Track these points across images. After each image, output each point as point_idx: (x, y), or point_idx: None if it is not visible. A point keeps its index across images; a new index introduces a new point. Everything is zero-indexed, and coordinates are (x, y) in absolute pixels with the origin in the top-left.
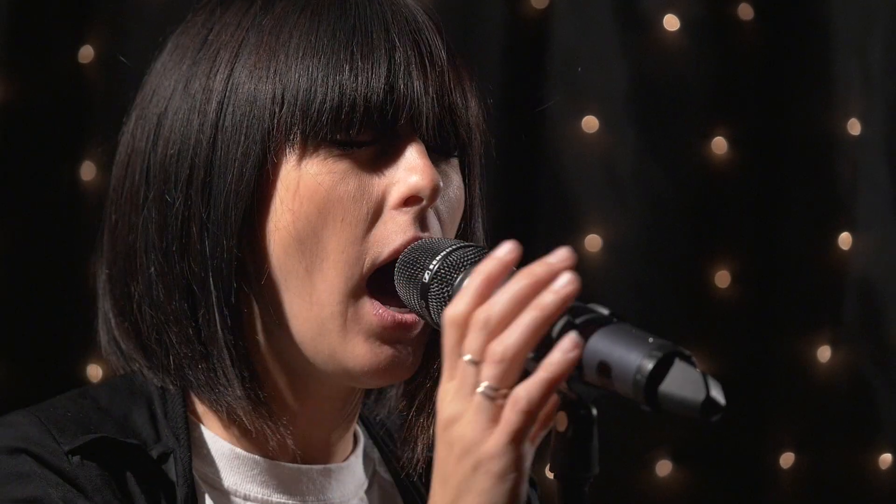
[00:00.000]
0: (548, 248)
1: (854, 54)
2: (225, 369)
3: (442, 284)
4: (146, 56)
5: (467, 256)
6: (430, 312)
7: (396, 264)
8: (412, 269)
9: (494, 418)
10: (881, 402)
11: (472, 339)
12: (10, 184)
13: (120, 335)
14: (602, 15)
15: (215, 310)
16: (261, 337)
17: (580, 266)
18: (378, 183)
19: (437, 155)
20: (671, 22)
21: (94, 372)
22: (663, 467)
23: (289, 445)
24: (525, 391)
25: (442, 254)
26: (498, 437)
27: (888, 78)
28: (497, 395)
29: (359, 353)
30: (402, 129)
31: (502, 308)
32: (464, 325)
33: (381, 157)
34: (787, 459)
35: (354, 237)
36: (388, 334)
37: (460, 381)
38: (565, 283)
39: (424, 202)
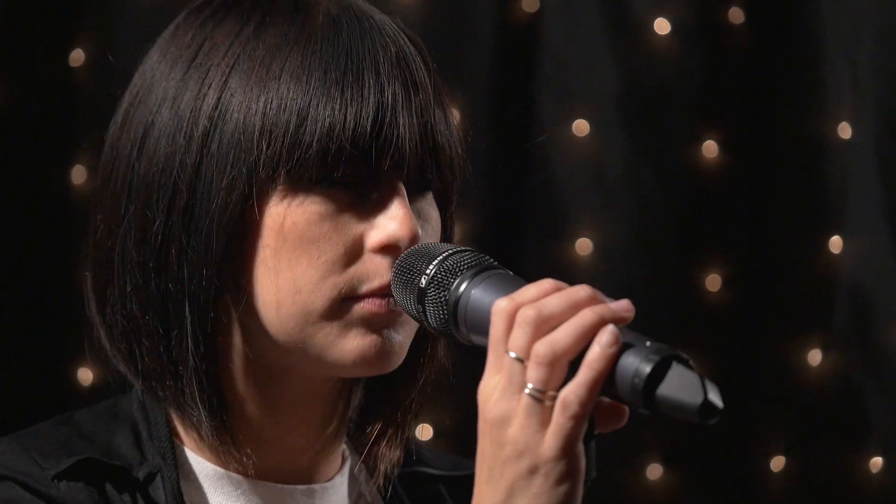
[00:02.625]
0: (538, 251)
1: (844, 57)
2: (192, 393)
3: (439, 289)
4: (137, 59)
5: (464, 260)
6: (426, 317)
7: (393, 269)
8: (408, 273)
9: (545, 421)
10: (872, 406)
11: (518, 336)
12: (1, 186)
13: (101, 334)
14: (592, 18)
15: (188, 335)
16: (234, 364)
17: (571, 270)
18: (357, 225)
19: (416, 192)
20: (661, 26)
21: (85, 375)
22: (654, 471)
23: (269, 465)
24: (575, 395)
25: (439, 258)
26: (554, 442)
27: (878, 81)
28: (545, 398)
29: (348, 346)
30: (385, 173)
31: (553, 308)
32: (511, 317)
33: (361, 198)
34: (777, 463)
35: (330, 272)
36: (377, 320)
37: (507, 379)
38: (627, 306)
39: (402, 250)
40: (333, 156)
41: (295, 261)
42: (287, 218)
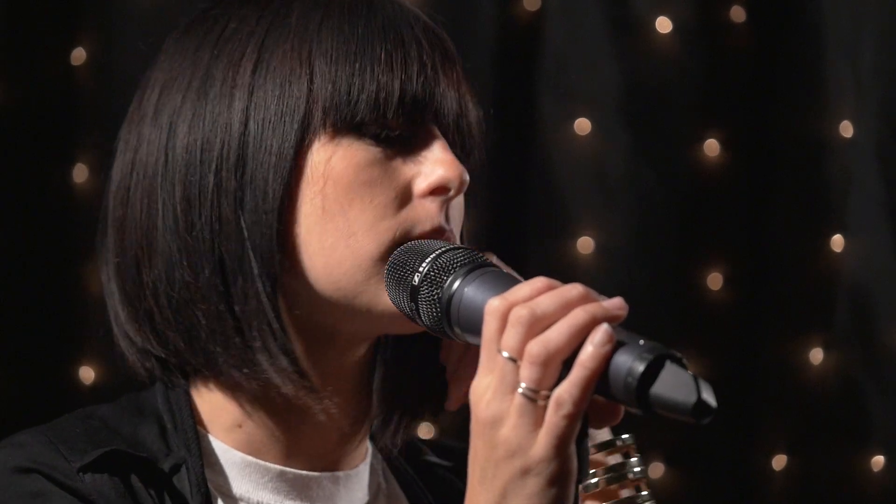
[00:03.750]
0: (539, 250)
1: (846, 56)
2: (265, 341)
3: (432, 287)
4: (138, 57)
5: (457, 259)
6: (419, 315)
7: (386, 266)
8: (401, 271)
9: (538, 421)
10: (873, 405)
11: (511, 335)
12: (1, 186)
13: (130, 328)
14: (594, 17)
15: (258, 283)
16: (296, 310)
17: (572, 269)
18: (405, 171)
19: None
20: (663, 24)
21: (86, 374)
22: (656, 469)
23: (296, 449)
24: (569, 395)
25: (431, 256)
26: (546, 442)
27: (880, 80)
28: (538, 397)
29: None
30: (428, 123)
31: (546, 307)
32: (504, 317)
33: (406, 148)
34: (779, 462)
35: (384, 215)
36: None
37: (499, 379)
38: (619, 304)
39: (452, 192)
40: (384, 101)
41: (348, 204)
42: (338, 163)
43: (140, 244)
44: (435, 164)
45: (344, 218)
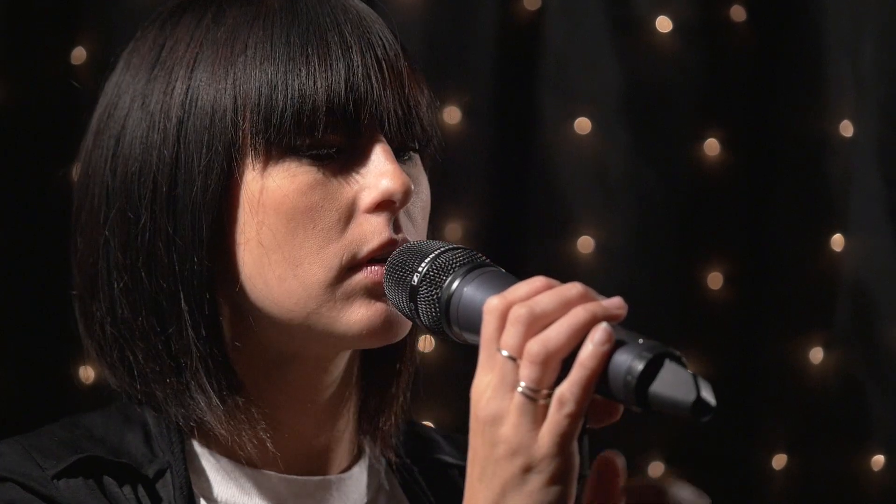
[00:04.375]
0: (539, 249)
1: (846, 55)
2: (199, 380)
3: (431, 287)
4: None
5: (456, 258)
6: (419, 315)
7: (385, 266)
8: (401, 271)
9: (538, 419)
10: (873, 404)
11: (510, 334)
12: (1, 186)
13: (88, 351)
14: (594, 17)
15: (187, 322)
16: (241, 349)
17: (572, 268)
18: (347, 189)
19: (401, 154)
20: (663, 24)
21: (86, 374)
22: (656, 468)
23: (280, 455)
24: (570, 393)
25: (431, 256)
26: (548, 441)
27: (880, 79)
28: (538, 396)
29: (354, 317)
30: (367, 131)
31: (545, 306)
32: (503, 316)
33: (347, 163)
34: (779, 461)
35: (329, 240)
36: (378, 289)
37: (499, 378)
38: (619, 303)
39: (397, 205)
40: (309, 116)
41: (291, 233)
42: (276, 191)
43: (89, 277)
44: (378, 177)
45: (289, 247)
